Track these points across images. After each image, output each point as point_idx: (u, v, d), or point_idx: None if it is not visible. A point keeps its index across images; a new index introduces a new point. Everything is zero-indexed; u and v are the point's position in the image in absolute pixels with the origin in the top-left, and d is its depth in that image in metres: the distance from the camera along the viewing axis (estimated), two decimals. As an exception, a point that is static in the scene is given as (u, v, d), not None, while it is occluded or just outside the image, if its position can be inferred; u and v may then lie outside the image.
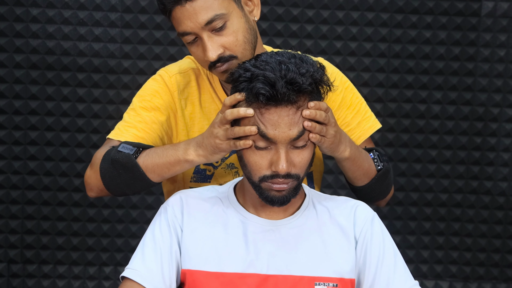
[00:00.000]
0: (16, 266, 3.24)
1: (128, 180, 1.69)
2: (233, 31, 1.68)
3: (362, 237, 1.58)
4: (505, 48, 3.29)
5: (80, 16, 3.16)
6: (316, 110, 1.49)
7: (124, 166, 1.67)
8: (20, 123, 3.19)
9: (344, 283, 1.54)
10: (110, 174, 1.70)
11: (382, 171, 1.80)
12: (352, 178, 1.79)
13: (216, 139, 1.56)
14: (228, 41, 1.67)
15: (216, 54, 1.67)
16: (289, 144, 1.49)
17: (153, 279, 1.54)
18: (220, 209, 1.60)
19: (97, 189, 1.76)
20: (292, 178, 1.50)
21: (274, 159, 1.48)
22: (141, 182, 1.69)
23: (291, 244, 1.56)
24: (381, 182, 1.82)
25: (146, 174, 1.67)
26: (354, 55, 3.27)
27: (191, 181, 1.87)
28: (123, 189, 1.72)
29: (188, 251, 1.56)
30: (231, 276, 1.53)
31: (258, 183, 1.51)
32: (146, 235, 1.60)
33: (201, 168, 1.86)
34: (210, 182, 1.87)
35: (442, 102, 3.31)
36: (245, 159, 1.52)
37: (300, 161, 1.51)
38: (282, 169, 1.47)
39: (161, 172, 1.66)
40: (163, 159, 1.65)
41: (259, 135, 1.48)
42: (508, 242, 3.37)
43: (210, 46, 1.66)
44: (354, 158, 1.71)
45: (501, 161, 3.34)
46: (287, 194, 1.52)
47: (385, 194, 1.89)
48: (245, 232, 1.56)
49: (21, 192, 3.22)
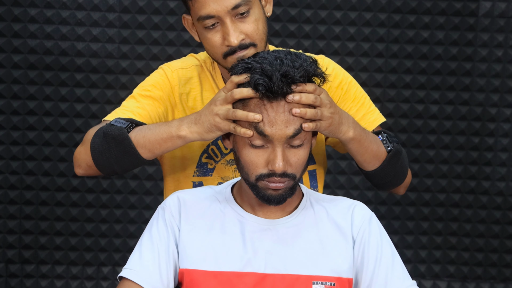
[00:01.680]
0: (14, 266, 3.24)
1: (118, 155, 1.66)
2: (255, 19, 1.71)
3: (360, 237, 1.58)
4: (503, 48, 3.30)
5: (78, 17, 3.16)
6: (301, 92, 1.48)
7: (116, 139, 1.65)
8: (18, 123, 3.18)
9: (341, 282, 1.55)
10: (100, 148, 1.67)
11: (393, 151, 1.74)
12: (362, 162, 1.74)
13: (216, 117, 1.54)
14: (250, 29, 1.70)
15: (238, 39, 1.68)
16: (285, 143, 1.49)
17: (151, 279, 1.54)
18: (218, 209, 1.60)
19: (85, 165, 1.73)
20: (288, 177, 1.51)
21: (271, 158, 1.49)
22: (131, 157, 1.66)
23: (289, 243, 1.56)
24: (394, 164, 1.76)
25: (137, 148, 1.64)
26: (352, 55, 3.28)
27: (193, 175, 1.86)
28: (112, 165, 1.68)
29: (186, 250, 1.56)
30: (228, 275, 1.53)
31: (255, 182, 1.51)
32: (144, 235, 1.60)
33: (203, 162, 1.86)
34: (212, 175, 1.86)
35: (440, 102, 3.32)
36: (242, 159, 1.52)
37: (297, 161, 1.51)
38: (279, 167, 1.48)
39: (152, 147, 1.64)
40: (155, 134, 1.63)
41: (256, 133, 1.48)
42: (506, 242, 3.38)
43: (233, 31, 1.68)
44: (359, 139, 1.66)
45: (499, 161, 3.35)
46: (283, 193, 1.52)
47: (401, 178, 1.83)
48: (243, 231, 1.56)
49: (19, 192, 3.22)
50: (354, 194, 3.32)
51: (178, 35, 3.19)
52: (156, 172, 3.25)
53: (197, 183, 1.87)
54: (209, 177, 1.86)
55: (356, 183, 3.33)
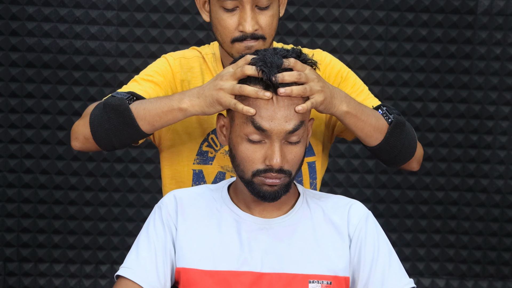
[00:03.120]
0: (12, 264, 3.24)
1: (117, 126, 1.65)
2: (272, 14, 1.75)
3: (356, 236, 1.58)
4: (501, 46, 3.30)
5: (76, 14, 3.16)
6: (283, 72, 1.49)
7: (116, 110, 1.64)
8: (16, 122, 3.18)
9: (338, 281, 1.55)
10: (99, 120, 1.67)
11: (394, 122, 1.71)
12: (364, 137, 1.71)
13: (220, 92, 1.54)
14: (265, 22, 1.74)
15: (253, 28, 1.72)
16: (283, 139, 1.49)
17: (148, 278, 1.54)
18: (214, 208, 1.60)
19: (82, 138, 1.73)
20: (284, 173, 1.51)
21: (268, 153, 1.49)
22: (130, 129, 1.65)
23: (285, 242, 1.56)
24: (398, 135, 1.73)
25: (137, 120, 1.64)
26: (350, 53, 3.28)
27: (194, 163, 1.87)
28: (110, 137, 1.67)
29: (183, 249, 1.56)
30: (225, 274, 1.53)
31: (251, 178, 1.51)
32: (141, 234, 1.60)
33: (203, 150, 1.86)
34: (212, 164, 1.87)
35: (438, 100, 3.32)
36: (238, 155, 1.52)
37: (293, 158, 1.52)
38: (276, 163, 1.48)
39: (153, 120, 1.63)
40: (156, 107, 1.63)
41: (254, 128, 1.48)
42: (504, 240, 3.38)
43: (250, 19, 1.72)
44: (355, 112, 1.65)
45: (497, 158, 3.35)
46: (278, 190, 1.52)
47: (410, 151, 1.79)
48: (239, 231, 1.56)
49: (17, 191, 3.22)
50: (352, 192, 3.32)
51: (176, 33, 3.19)
52: (154, 170, 3.25)
53: (197, 171, 1.87)
54: (209, 165, 1.87)
55: (355, 181, 3.33)
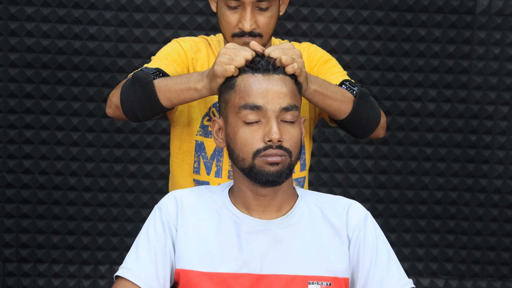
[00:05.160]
0: (11, 265, 3.24)
1: (141, 97, 1.79)
2: (271, 15, 1.94)
3: (355, 236, 1.58)
4: (500, 46, 3.30)
5: (75, 15, 3.16)
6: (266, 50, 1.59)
7: (141, 82, 1.78)
8: (15, 122, 3.18)
9: (337, 282, 1.55)
10: (127, 91, 1.82)
11: (359, 93, 1.86)
12: (333, 112, 1.85)
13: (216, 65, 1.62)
14: (263, 22, 1.93)
15: (250, 27, 1.91)
16: (278, 117, 1.52)
17: (147, 279, 1.54)
18: (214, 210, 1.60)
19: (114, 106, 1.89)
20: (284, 151, 1.51)
21: (266, 130, 1.51)
22: (151, 102, 1.78)
23: (284, 243, 1.56)
24: (364, 106, 1.88)
25: (158, 94, 1.77)
26: (349, 53, 3.28)
27: (197, 134, 2.02)
28: (134, 109, 1.82)
29: (182, 251, 1.56)
30: (224, 276, 1.53)
31: (252, 161, 1.52)
32: (140, 235, 1.60)
33: (204, 124, 2.02)
34: (211, 137, 2.00)
35: (437, 100, 3.32)
36: (237, 141, 1.54)
37: (291, 138, 1.53)
38: (275, 137, 1.49)
39: (171, 96, 1.77)
40: (175, 84, 1.76)
41: (248, 109, 1.52)
42: (503, 239, 3.38)
43: (249, 19, 1.91)
44: (322, 91, 1.79)
45: (496, 158, 3.35)
46: (280, 170, 1.52)
47: (376, 120, 1.95)
48: (238, 232, 1.56)
49: (16, 191, 3.22)
50: (351, 192, 3.32)
51: (175, 33, 3.19)
52: (153, 171, 3.25)
53: (199, 142, 2.02)
54: (209, 139, 2.02)
55: (354, 181, 3.34)
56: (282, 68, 1.56)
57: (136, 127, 3.23)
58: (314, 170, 3.31)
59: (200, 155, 2.03)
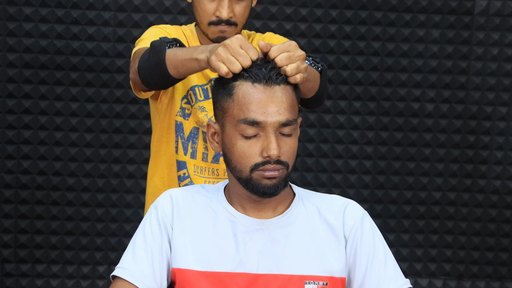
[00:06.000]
0: (10, 265, 3.24)
1: (152, 64, 1.82)
2: (246, 5, 2.04)
3: (352, 236, 1.58)
4: (498, 46, 3.30)
5: (73, 15, 3.16)
6: None
7: (155, 50, 1.82)
8: (13, 122, 3.18)
9: (334, 281, 1.54)
10: (144, 57, 1.86)
11: (324, 70, 1.88)
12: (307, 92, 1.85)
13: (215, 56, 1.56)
14: (240, 11, 2.02)
15: (228, 15, 2.00)
16: (277, 131, 1.49)
17: (144, 278, 1.54)
18: (210, 209, 1.60)
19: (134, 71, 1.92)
20: (282, 165, 1.50)
21: (265, 145, 1.49)
22: (160, 70, 1.81)
23: (281, 243, 1.55)
24: (326, 81, 1.92)
25: (166, 62, 1.80)
26: (347, 54, 3.28)
27: (176, 114, 2.10)
28: (147, 76, 1.85)
29: (178, 250, 1.56)
30: (220, 276, 1.52)
31: (249, 174, 1.51)
32: (137, 234, 1.59)
33: (183, 106, 2.10)
34: (188, 120, 2.09)
35: (436, 101, 3.32)
36: (234, 154, 1.52)
37: (288, 150, 1.51)
38: (274, 153, 1.47)
39: (177, 65, 1.78)
40: (183, 54, 1.77)
41: (247, 124, 1.48)
42: (502, 240, 3.38)
43: (227, 7, 2.00)
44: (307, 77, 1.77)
45: (494, 159, 3.35)
46: (277, 183, 1.51)
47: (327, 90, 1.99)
48: (235, 232, 1.56)
49: (15, 191, 3.22)
50: (350, 193, 3.32)
51: (173, 33, 3.19)
52: (151, 171, 3.24)
53: (179, 122, 2.10)
54: (186, 121, 2.10)
55: (352, 182, 3.33)
56: (284, 77, 1.50)
57: (135, 127, 3.23)
58: (313, 171, 3.31)
59: (179, 135, 2.11)
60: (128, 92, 3.20)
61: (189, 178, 2.14)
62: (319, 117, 3.29)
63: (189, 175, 2.13)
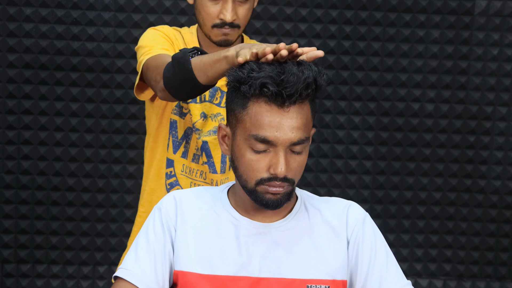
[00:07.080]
0: (10, 265, 3.24)
1: (180, 77, 1.78)
2: (249, 8, 2.05)
3: (354, 238, 1.58)
4: (498, 46, 3.30)
5: (74, 16, 3.16)
6: None
7: (179, 62, 1.79)
8: (13, 123, 3.18)
9: (336, 284, 1.54)
10: (168, 73, 1.83)
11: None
12: None
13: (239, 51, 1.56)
14: (242, 13, 2.04)
15: (232, 18, 2.01)
16: (288, 148, 1.48)
17: (147, 279, 1.54)
18: (213, 211, 1.60)
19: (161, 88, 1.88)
20: (288, 182, 1.50)
21: (273, 162, 1.48)
22: (190, 80, 1.76)
23: (283, 246, 1.56)
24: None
25: (194, 71, 1.76)
26: (347, 54, 3.28)
27: (172, 112, 2.12)
28: (178, 90, 1.82)
29: (181, 252, 1.56)
30: (223, 279, 1.52)
31: (254, 187, 1.50)
32: (140, 235, 1.59)
33: (181, 105, 2.11)
34: (184, 119, 2.11)
35: (436, 101, 3.32)
36: (242, 165, 1.51)
37: (296, 167, 1.51)
38: (281, 172, 1.47)
39: (206, 69, 1.73)
40: (210, 57, 1.73)
41: (257, 141, 1.47)
42: (502, 240, 3.38)
43: (231, 10, 2.01)
44: None
45: (494, 159, 3.35)
46: (281, 198, 1.51)
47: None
48: (237, 235, 1.56)
49: (15, 192, 3.22)
50: (350, 193, 3.32)
51: (173, 34, 3.19)
52: (152, 171, 3.24)
53: (172, 120, 2.12)
54: (182, 119, 2.12)
55: (352, 182, 3.34)
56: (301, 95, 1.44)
57: (135, 127, 3.23)
58: (313, 171, 3.32)
59: (171, 133, 2.12)
60: (128, 93, 3.20)
61: (175, 177, 2.15)
62: (319, 117, 3.29)
63: (175, 173, 2.14)
